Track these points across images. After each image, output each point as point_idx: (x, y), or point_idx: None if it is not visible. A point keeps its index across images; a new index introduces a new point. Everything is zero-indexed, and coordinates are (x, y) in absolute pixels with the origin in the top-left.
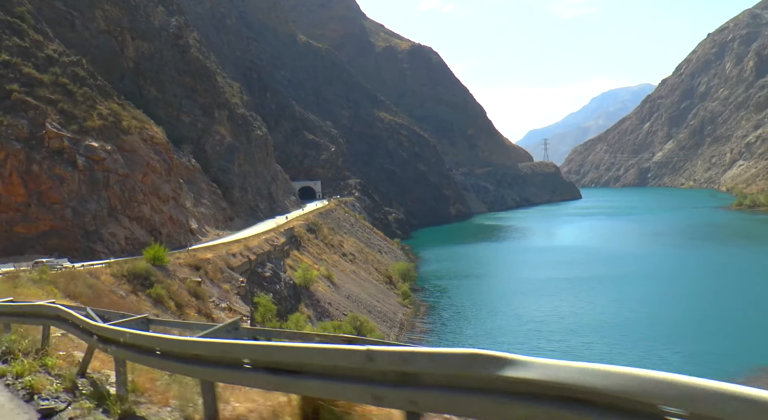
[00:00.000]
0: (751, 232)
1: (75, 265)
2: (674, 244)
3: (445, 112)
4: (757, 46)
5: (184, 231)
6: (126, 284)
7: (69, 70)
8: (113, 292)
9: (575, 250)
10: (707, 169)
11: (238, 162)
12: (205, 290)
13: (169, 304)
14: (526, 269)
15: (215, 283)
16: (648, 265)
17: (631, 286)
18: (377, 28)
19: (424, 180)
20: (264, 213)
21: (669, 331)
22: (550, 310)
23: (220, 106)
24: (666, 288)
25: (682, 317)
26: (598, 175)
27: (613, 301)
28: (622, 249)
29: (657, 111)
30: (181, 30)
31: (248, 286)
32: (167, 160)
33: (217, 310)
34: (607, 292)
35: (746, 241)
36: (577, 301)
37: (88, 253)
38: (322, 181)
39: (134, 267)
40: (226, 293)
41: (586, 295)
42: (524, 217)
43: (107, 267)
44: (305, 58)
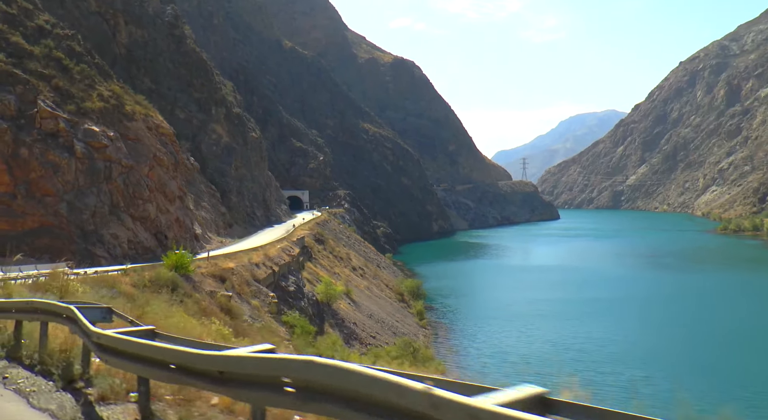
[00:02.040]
0: (753, 257)
1: (85, 270)
2: (679, 268)
3: (426, 127)
4: (727, 76)
5: (190, 236)
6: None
7: (64, 44)
8: None
9: (581, 271)
10: (681, 193)
11: (235, 164)
12: (236, 306)
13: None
14: (535, 289)
15: (243, 297)
16: (665, 289)
17: (662, 311)
18: (359, 39)
19: (408, 194)
20: (260, 221)
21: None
22: (583, 335)
23: (217, 103)
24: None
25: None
26: (572, 196)
27: (649, 327)
28: (630, 272)
29: (630, 135)
30: (176, 19)
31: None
32: (174, 153)
33: (253, 330)
34: (642, 318)
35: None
36: (611, 326)
37: (86, 256)
38: (310, 191)
39: (158, 276)
40: (256, 310)
41: (615, 320)
42: (509, 236)
43: (124, 274)
44: (291, 64)
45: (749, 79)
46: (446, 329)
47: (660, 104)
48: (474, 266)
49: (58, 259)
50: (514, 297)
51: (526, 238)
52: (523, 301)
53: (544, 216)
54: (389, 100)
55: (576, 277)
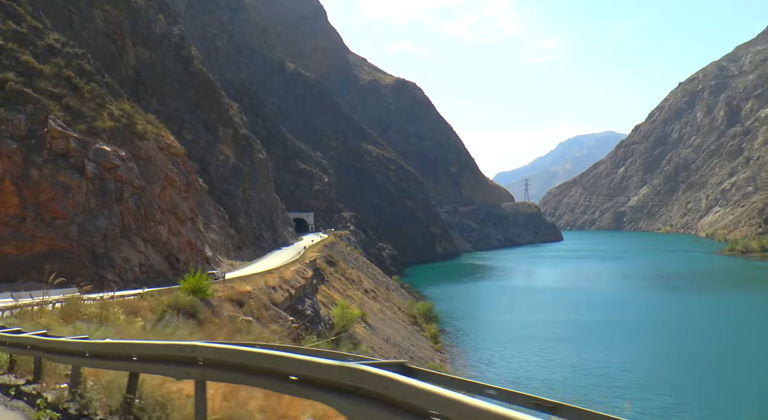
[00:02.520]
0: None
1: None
2: (693, 289)
3: (429, 149)
4: (726, 97)
5: (201, 259)
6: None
7: (74, 63)
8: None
9: (592, 293)
10: (683, 214)
11: (243, 186)
12: (257, 332)
13: None
14: (548, 312)
15: (262, 322)
16: (683, 311)
17: (684, 334)
18: (361, 61)
19: (412, 216)
20: (268, 243)
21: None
22: (604, 359)
23: (225, 124)
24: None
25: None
26: (574, 217)
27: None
28: (643, 294)
29: (631, 156)
30: (183, 40)
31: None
32: (185, 173)
33: None
34: (664, 341)
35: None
36: (632, 350)
37: (96, 281)
38: (315, 213)
39: (177, 300)
40: (276, 335)
41: (636, 343)
42: (514, 258)
43: (141, 299)
44: (294, 86)
45: (749, 99)
46: (462, 353)
47: (660, 125)
48: (482, 288)
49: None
50: (527, 319)
51: (531, 259)
52: (538, 323)
53: (548, 237)
54: (391, 122)
55: (589, 299)
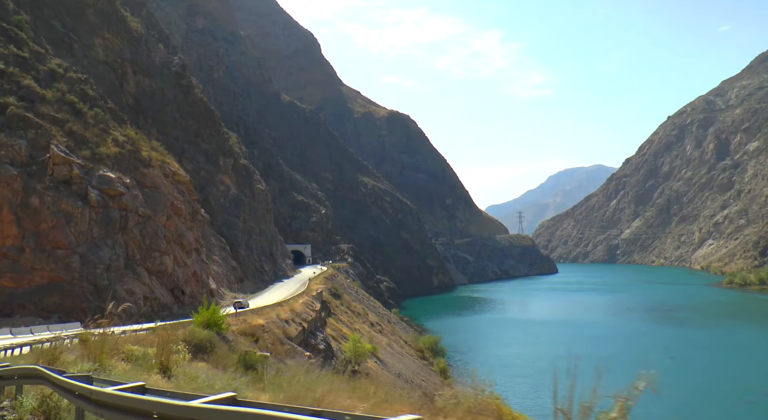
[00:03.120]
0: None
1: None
2: (700, 323)
3: (423, 181)
4: (715, 130)
5: (206, 291)
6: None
7: (77, 88)
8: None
9: (599, 326)
10: (677, 247)
11: (243, 217)
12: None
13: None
14: (556, 345)
15: (278, 358)
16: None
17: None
18: (354, 94)
19: (408, 249)
20: (269, 276)
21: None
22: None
23: (225, 154)
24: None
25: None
26: (567, 250)
27: (700, 388)
28: (651, 327)
29: (623, 189)
30: (184, 69)
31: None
32: (190, 202)
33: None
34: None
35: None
36: (661, 388)
37: (98, 314)
38: (312, 245)
39: (192, 335)
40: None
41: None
42: (512, 291)
43: (152, 333)
44: (289, 118)
45: (737, 133)
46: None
47: (651, 158)
48: (484, 321)
49: (69, 318)
50: (536, 352)
51: (529, 292)
52: (548, 356)
53: (543, 270)
54: (385, 154)
55: (597, 332)
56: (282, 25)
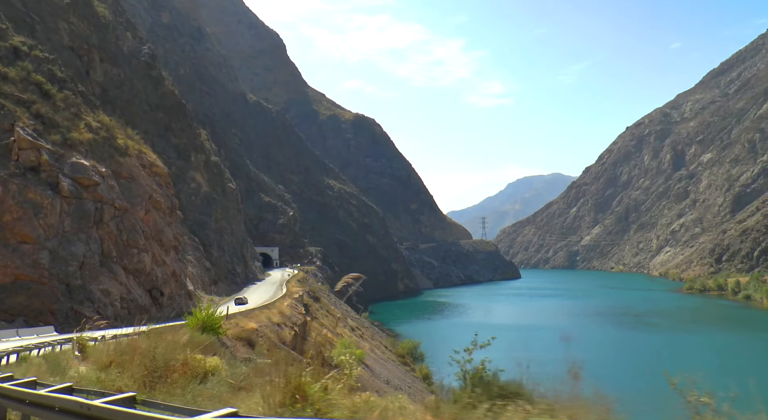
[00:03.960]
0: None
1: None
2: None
3: (388, 185)
4: (671, 142)
5: (184, 293)
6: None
7: (44, 68)
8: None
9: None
10: (635, 254)
11: (216, 216)
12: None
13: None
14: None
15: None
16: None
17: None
18: (320, 96)
19: (374, 253)
20: (241, 278)
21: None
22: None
23: (197, 150)
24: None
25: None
26: (528, 256)
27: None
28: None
29: (583, 197)
30: (153, 59)
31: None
32: (169, 196)
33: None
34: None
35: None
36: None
37: (71, 318)
38: (280, 248)
39: (192, 341)
40: None
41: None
42: (478, 296)
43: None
44: (256, 118)
45: (692, 144)
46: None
47: (610, 167)
48: (456, 325)
49: (37, 321)
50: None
51: (496, 297)
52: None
53: (506, 275)
54: (351, 157)
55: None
56: (248, 25)
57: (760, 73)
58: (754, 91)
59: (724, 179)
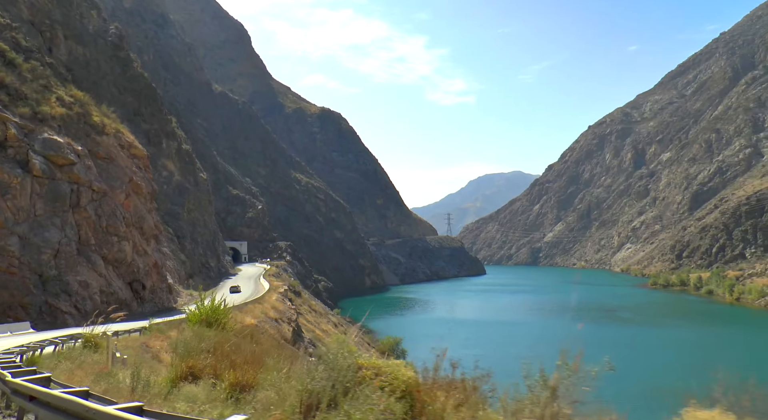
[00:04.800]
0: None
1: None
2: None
3: (355, 180)
4: (632, 141)
5: (165, 287)
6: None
7: (7, 35)
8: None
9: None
10: (597, 250)
11: (188, 207)
12: None
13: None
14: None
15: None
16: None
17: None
18: (285, 89)
19: (341, 248)
20: (215, 272)
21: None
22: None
23: (168, 137)
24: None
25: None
26: (491, 252)
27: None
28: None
29: (546, 194)
30: (121, 40)
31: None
32: (149, 180)
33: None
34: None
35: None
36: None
37: (46, 313)
38: (248, 242)
39: (200, 337)
40: None
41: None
42: (446, 292)
43: (146, 334)
44: (221, 109)
45: (652, 143)
46: None
47: (572, 165)
48: (427, 321)
49: (5, 317)
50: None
51: (464, 293)
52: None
53: (472, 271)
54: (317, 151)
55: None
56: (211, 14)
57: (715, 75)
58: (710, 93)
59: (682, 178)
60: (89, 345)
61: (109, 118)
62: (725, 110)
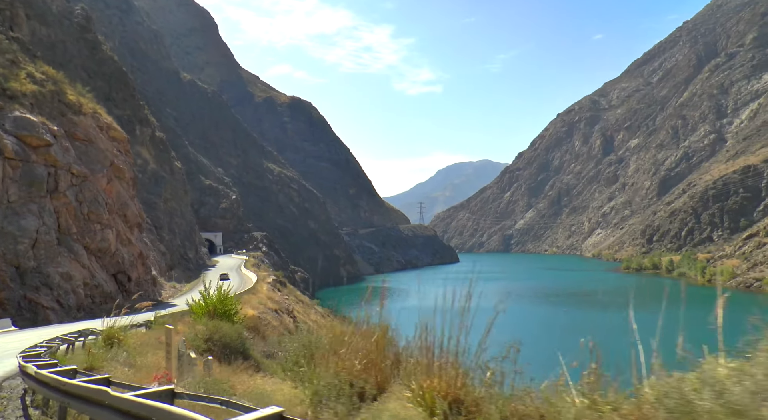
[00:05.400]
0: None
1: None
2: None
3: (327, 169)
4: (600, 128)
5: (150, 279)
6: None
7: None
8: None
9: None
10: (568, 236)
11: (165, 196)
12: None
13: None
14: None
15: None
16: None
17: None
18: (254, 78)
19: (315, 238)
20: (194, 264)
21: None
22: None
23: (142, 123)
24: None
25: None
26: (463, 240)
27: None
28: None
29: (516, 181)
30: (88, 21)
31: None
32: (130, 165)
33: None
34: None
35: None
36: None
37: (25, 309)
38: (223, 233)
39: (218, 330)
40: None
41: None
42: (422, 280)
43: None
44: (190, 97)
45: (620, 130)
46: None
47: (542, 153)
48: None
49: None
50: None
51: (441, 281)
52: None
53: (445, 259)
54: (288, 141)
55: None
56: (177, 1)
57: (679, 63)
58: (676, 80)
59: (650, 163)
60: (114, 342)
61: (85, 97)
62: (690, 97)
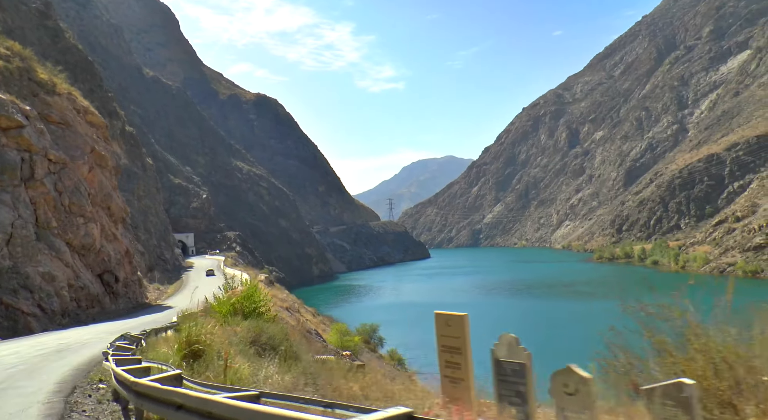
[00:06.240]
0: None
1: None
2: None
3: (295, 167)
4: (565, 121)
5: (137, 280)
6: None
7: None
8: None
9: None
10: (537, 229)
11: (138, 193)
12: None
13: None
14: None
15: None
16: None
17: None
18: (217, 76)
19: (287, 237)
20: (171, 265)
21: None
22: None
23: (111, 115)
24: None
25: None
26: (432, 236)
27: None
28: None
29: (484, 176)
30: (48, 8)
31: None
32: (111, 152)
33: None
34: None
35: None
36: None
37: (2, 316)
38: (195, 233)
39: (263, 331)
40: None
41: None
42: (395, 277)
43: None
44: (154, 94)
45: (585, 123)
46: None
47: (509, 147)
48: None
49: None
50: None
51: (415, 277)
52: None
53: (417, 255)
54: (255, 139)
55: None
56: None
57: (640, 56)
58: (637, 73)
59: (616, 155)
60: (197, 349)
61: (58, 77)
62: (652, 89)
